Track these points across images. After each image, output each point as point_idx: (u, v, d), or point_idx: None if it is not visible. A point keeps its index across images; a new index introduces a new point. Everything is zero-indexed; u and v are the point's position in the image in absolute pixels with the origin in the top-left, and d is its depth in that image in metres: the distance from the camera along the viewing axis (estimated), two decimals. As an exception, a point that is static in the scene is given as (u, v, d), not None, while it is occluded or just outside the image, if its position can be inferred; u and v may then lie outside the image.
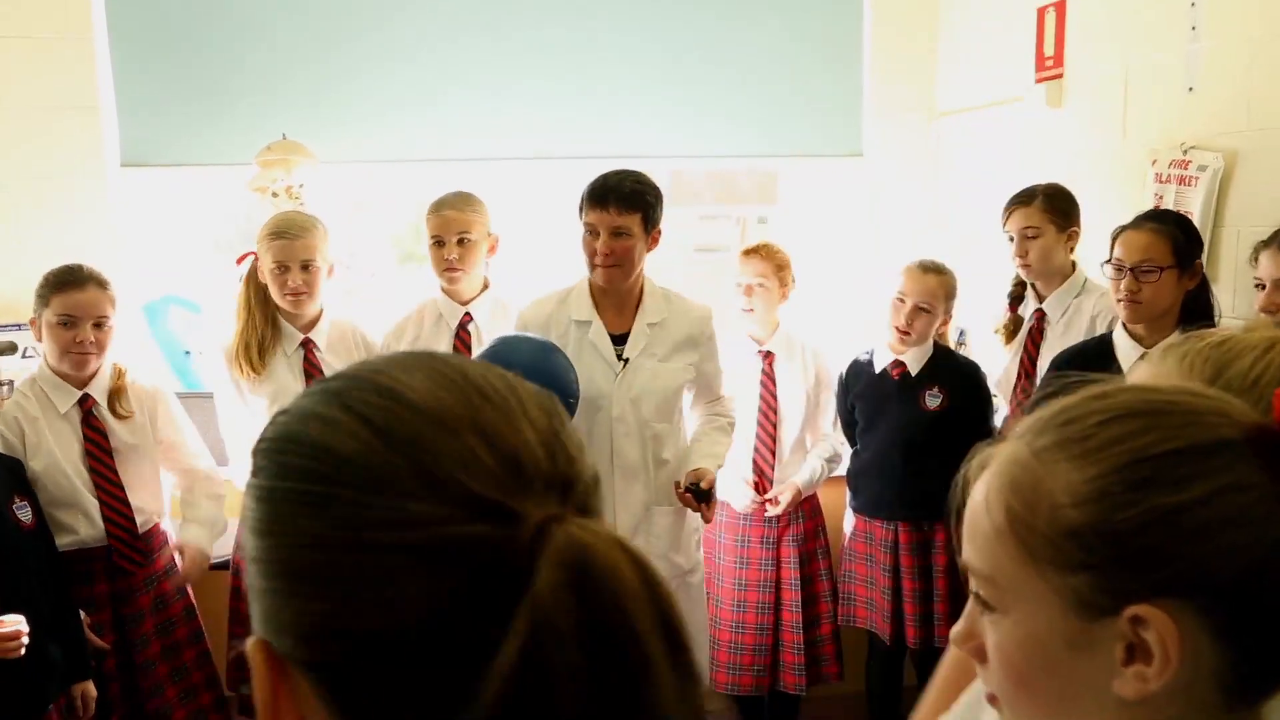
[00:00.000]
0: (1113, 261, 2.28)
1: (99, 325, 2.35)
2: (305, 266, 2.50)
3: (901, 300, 2.79)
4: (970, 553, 0.70)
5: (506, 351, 2.21)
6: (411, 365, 0.51)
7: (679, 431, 2.57)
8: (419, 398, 0.49)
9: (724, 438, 2.61)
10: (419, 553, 0.46)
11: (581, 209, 2.39)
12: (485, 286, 2.75)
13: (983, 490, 0.69)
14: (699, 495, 2.39)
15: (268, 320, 2.52)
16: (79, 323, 2.32)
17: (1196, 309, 2.24)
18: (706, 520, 2.48)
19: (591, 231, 2.36)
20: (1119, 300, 2.28)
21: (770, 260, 2.90)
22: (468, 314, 2.71)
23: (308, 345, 2.56)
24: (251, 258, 2.55)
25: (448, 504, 0.47)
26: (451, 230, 2.62)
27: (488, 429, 0.48)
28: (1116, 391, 0.67)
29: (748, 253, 2.92)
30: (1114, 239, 2.32)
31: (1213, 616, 0.61)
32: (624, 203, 2.35)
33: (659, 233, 2.45)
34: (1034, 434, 0.68)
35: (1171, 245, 2.21)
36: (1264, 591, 0.61)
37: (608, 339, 2.45)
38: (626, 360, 2.45)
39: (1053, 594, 0.65)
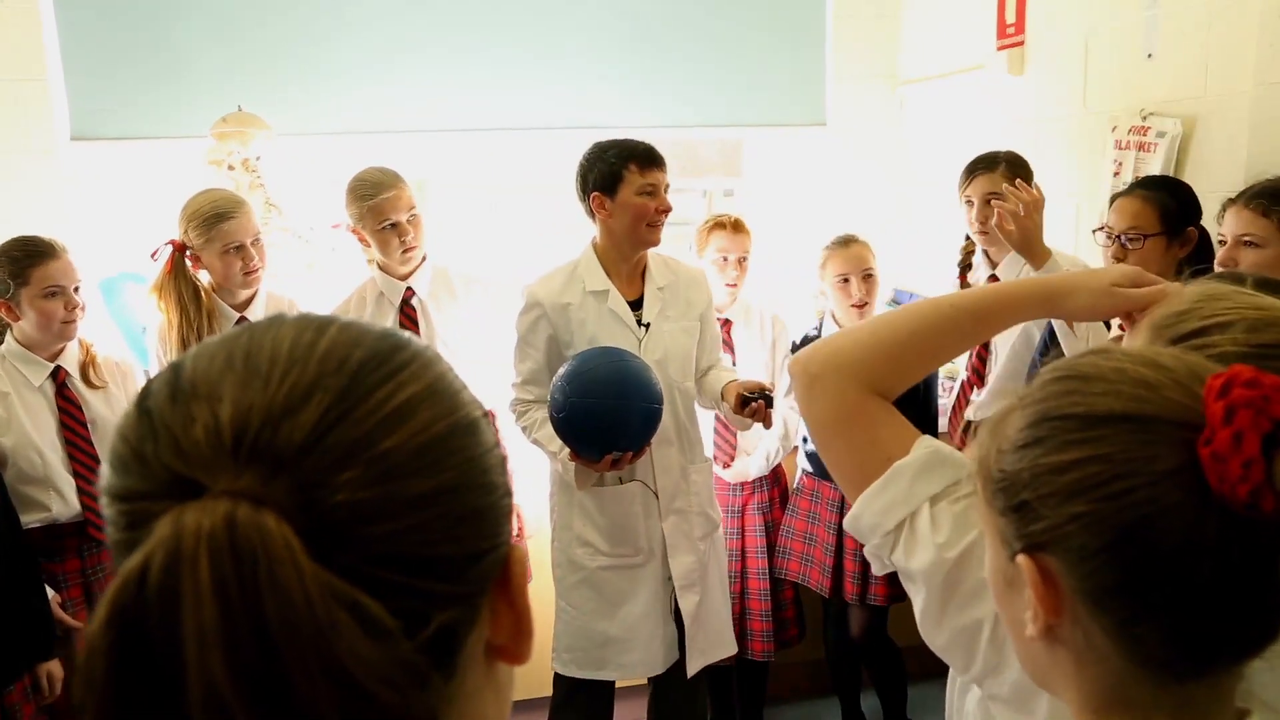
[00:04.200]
0: (1104, 228, 2.30)
1: (76, 291, 2.34)
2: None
3: (845, 280, 2.81)
4: None
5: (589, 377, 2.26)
6: (225, 336, 0.49)
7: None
8: (186, 367, 0.47)
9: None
10: (122, 528, 0.45)
11: (616, 175, 2.38)
12: (422, 259, 2.72)
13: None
14: (768, 402, 2.42)
15: (200, 310, 2.48)
16: (65, 290, 2.31)
17: (1198, 274, 2.25)
18: (768, 424, 2.48)
19: (649, 192, 2.40)
20: None
21: (749, 234, 2.94)
22: (410, 289, 2.68)
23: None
24: (170, 247, 2.48)
25: (147, 480, 0.44)
26: (402, 210, 2.59)
27: (216, 396, 0.44)
28: (1092, 352, 0.67)
29: (734, 227, 2.91)
30: (1110, 204, 2.34)
31: (1078, 580, 0.62)
32: (665, 162, 2.45)
33: None
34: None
35: (1159, 212, 2.22)
36: (1118, 565, 0.60)
37: (626, 306, 2.47)
38: (647, 325, 2.47)
39: (996, 532, 0.68)
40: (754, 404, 2.35)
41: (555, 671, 2.56)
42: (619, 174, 2.39)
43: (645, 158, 2.40)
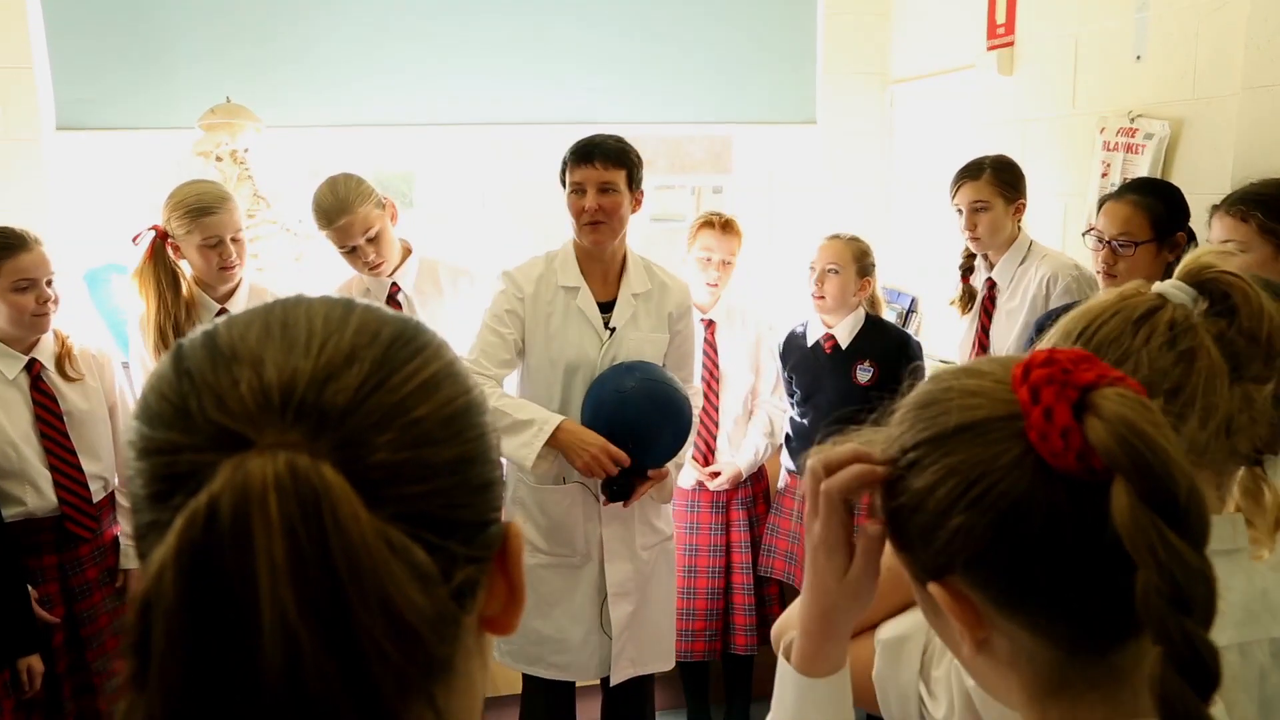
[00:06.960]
0: (1093, 231, 2.29)
1: (49, 284, 2.32)
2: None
3: (811, 269, 2.88)
4: None
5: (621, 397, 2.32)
6: (254, 310, 0.51)
7: None
8: (221, 334, 0.50)
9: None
10: (157, 480, 0.47)
11: (565, 172, 2.36)
12: (407, 253, 2.70)
13: None
14: (613, 495, 2.40)
15: (179, 299, 2.46)
16: (37, 284, 2.29)
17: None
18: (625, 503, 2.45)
19: (578, 190, 2.33)
20: (1097, 271, 2.30)
21: (739, 236, 2.93)
22: (395, 284, 2.68)
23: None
24: (152, 233, 2.47)
25: (192, 434, 0.46)
26: (358, 235, 2.53)
27: (259, 360, 0.47)
28: (927, 380, 0.71)
29: (723, 228, 2.90)
30: (1099, 206, 2.34)
31: (982, 589, 0.65)
32: (609, 158, 2.33)
33: (641, 194, 2.42)
34: None
35: (1150, 219, 2.21)
36: (1004, 563, 0.63)
37: (595, 307, 2.41)
38: (613, 329, 2.41)
39: (906, 568, 0.71)
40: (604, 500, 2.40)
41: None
42: (564, 171, 2.36)
43: (577, 154, 2.33)
